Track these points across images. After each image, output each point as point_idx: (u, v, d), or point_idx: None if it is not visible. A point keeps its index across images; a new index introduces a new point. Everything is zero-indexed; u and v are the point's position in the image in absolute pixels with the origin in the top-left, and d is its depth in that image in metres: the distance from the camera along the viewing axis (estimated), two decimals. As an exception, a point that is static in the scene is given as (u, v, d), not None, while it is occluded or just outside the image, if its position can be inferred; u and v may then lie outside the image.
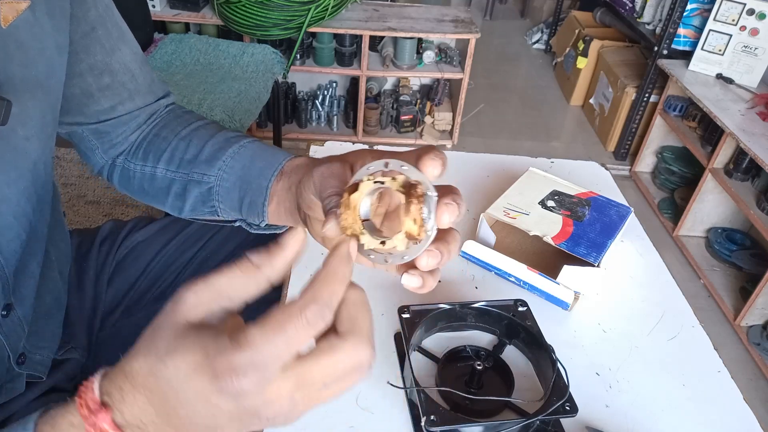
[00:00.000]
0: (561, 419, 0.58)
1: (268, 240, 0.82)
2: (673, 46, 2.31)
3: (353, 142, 0.91)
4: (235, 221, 0.61)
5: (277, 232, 0.61)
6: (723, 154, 1.97)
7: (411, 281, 0.41)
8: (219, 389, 0.31)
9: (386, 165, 0.39)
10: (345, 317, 0.34)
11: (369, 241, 0.39)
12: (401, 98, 2.57)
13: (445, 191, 0.41)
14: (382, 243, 0.39)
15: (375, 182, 0.40)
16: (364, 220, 0.41)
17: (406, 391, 0.60)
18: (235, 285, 0.34)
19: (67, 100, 0.59)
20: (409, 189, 0.39)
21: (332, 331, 0.34)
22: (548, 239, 0.75)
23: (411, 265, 0.41)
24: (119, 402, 0.33)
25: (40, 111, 0.53)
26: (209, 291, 0.34)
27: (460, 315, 0.66)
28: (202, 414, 0.32)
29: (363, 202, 0.40)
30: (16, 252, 0.55)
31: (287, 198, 0.54)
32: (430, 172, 0.39)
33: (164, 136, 0.63)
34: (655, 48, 2.33)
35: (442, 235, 0.41)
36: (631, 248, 0.84)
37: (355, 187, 0.39)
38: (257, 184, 0.56)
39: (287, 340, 0.31)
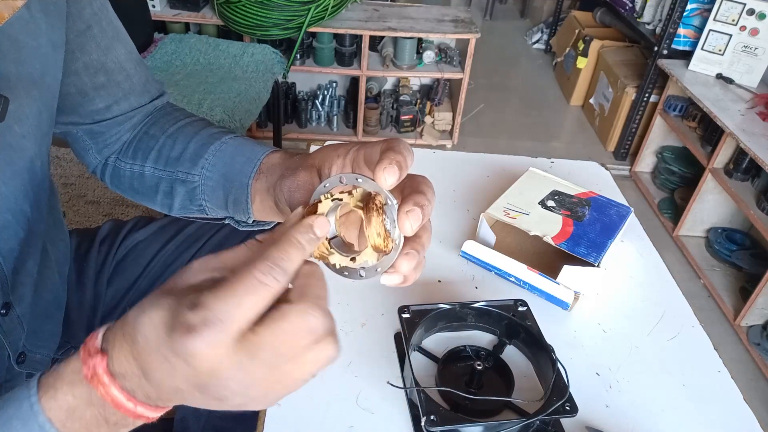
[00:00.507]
0: (561, 419, 0.58)
1: None
2: (673, 46, 2.31)
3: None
4: (224, 219, 0.61)
5: (266, 228, 0.60)
6: (723, 154, 1.97)
7: (391, 280, 0.41)
8: (172, 346, 0.31)
9: (341, 180, 0.39)
10: (297, 287, 0.34)
11: (339, 259, 0.39)
12: (401, 98, 2.57)
13: (408, 194, 0.39)
14: (353, 260, 0.39)
15: (333, 200, 0.39)
16: (331, 238, 0.40)
17: (406, 391, 0.60)
18: (239, 258, 0.35)
19: (63, 99, 0.59)
20: (368, 202, 0.38)
21: (285, 302, 0.33)
22: (548, 239, 0.75)
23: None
24: (113, 349, 0.34)
25: (36, 108, 0.53)
26: (215, 260, 0.35)
27: (460, 315, 0.66)
28: (165, 372, 0.32)
29: None
30: (13, 250, 0.55)
31: (268, 197, 0.54)
32: (384, 183, 0.38)
33: (153, 133, 0.63)
34: (655, 48, 2.33)
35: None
36: (631, 248, 0.84)
37: (314, 208, 0.39)
38: (239, 182, 0.55)
39: (238, 300, 0.31)
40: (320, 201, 0.39)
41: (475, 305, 0.66)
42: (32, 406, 0.35)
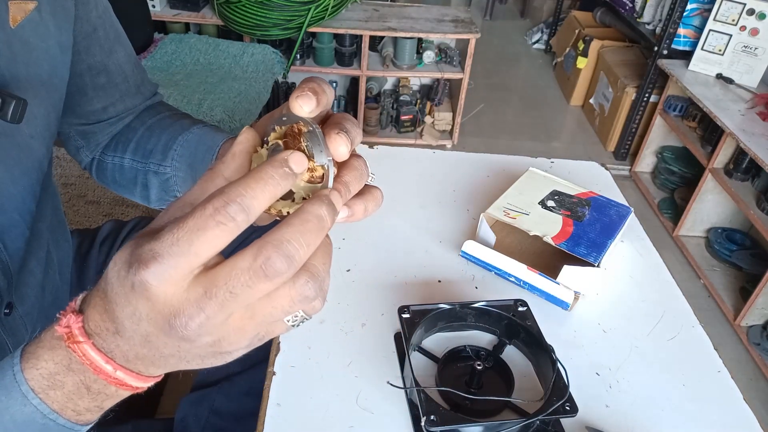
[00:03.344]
0: (561, 419, 0.58)
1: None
2: (673, 46, 2.31)
3: (353, 142, 0.91)
4: None
5: None
6: (723, 154, 1.97)
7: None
8: (131, 282, 0.30)
9: (273, 128, 0.37)
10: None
11: (284, 205, 0.36)
12: (401, 98, 2.57)
13: (330, 124, 0.37)
14: (292, 200, 0.36)
15: (267, 149, 0.37)
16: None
17: (406, 391, 0.60)
18: (198, 192, 0.34)
19: (66, 97, 0.59)
20: (289, 134, 0.37)
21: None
22: (548, 239, 0.75)
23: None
24: (88, 308, 0.33)
25: (44, 109, 0.53)
26: (179, 201, 0.34)
27: (460, 315, 0.66)
28: (130, 317, 0.31)
29: None
30: (20, 250, 0.55)
31: None
32: (301, 111, 0.35)
33: (133, 126, 0.63)
34: (655, 48, 2.33)
35: (361, 191, 0.38)
36: (631, 248, 0.84)
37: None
38: (202, 171, 0.55)
39: (189, 236, 0.29)
40: (256, 152, 0.37)
41: (475, 305, 0.66)
42: (15, 375, 0.34)
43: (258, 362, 0.72)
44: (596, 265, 0.72)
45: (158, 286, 0.30)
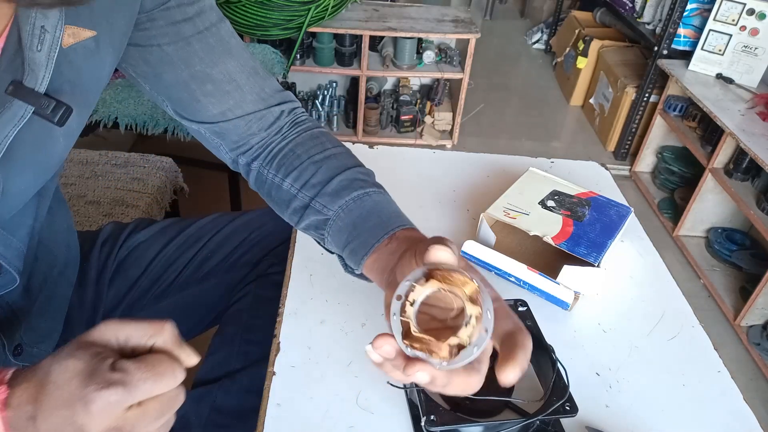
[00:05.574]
0: (561, 419, 0.58)
1: (258, 245, 0.85)
2: (673, 46, 2.30)
3: (353, 142, 0.91)
4: (334, 253, 0.65)
5: (367, 281, 0.64)
6: (723, 154, 1.97)
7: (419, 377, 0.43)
8: (83, 395, 0.37)
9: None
10: None
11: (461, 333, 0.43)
12: (401, 98, 2.57)
13: (509, 347, 0.46)
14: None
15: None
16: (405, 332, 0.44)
17: (406, 391, 0.60)
18: (136, 333, 0.41)
19: (181, 104, 0.65)
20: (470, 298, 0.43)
21: None
22: (548, 239, 0.75)
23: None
24: (17, 386, 0.39)
25: (77, 124, 0.58)
26: (118, 327, 0.41)
27: (460, 315, 0.66)
28: (61, 417, 0.37)
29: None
30: (32, 248, 0.59)
31: (387, 259, 0.56)
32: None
33: (299, 154, 0.67)
34: (655, 48, 2.33)
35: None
36: (631, 248, 0.84)
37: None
38: (364, 240, 0.59)
39: (155, 376, 0.39)
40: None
41: (475, 305, 0.66)
42: None
43: (259, 359, 0.73)
44: (596, 265, 0.72)
45: (109, 407, 0.37)
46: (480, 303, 0.42)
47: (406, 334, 0.43)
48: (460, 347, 0.42)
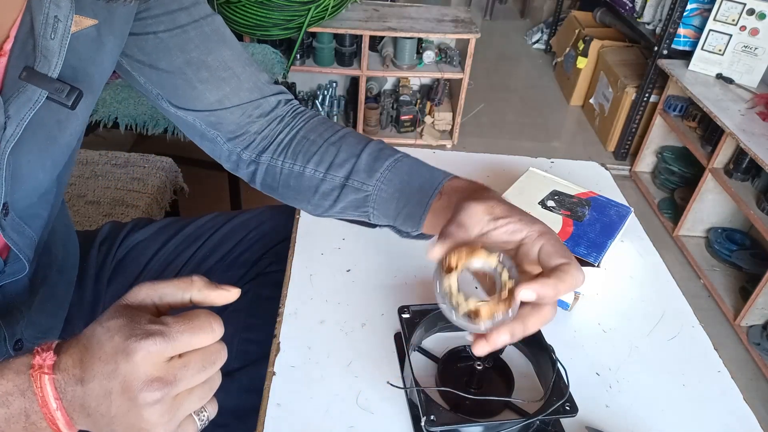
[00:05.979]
0: (561, 419, 0.58)
1: (256, 244, 0.85)
2: (673, 46, 2.31)
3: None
4: (383, 226, 0.67)
5: (424, 240, 0.66)
6: (723, 154, 1.97)
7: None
8: (125, 347, 0.38)
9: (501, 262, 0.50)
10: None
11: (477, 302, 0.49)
12: (401, 98, 2.57)
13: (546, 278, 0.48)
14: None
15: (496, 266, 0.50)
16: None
17: (406, 391, 0.60)
18: (169, 290, 0.43)
19: (178, 90, 0.65)
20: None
21: None
22: (548, 239, 0.75)
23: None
24: (63, 354, 0.40)
25: (85, 109, 0.59)
26: (150, 287, 0.43)
27: (460, 315, 0.66)
28: (106, 371, 0.38)
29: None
30: (42, 239, 0.61)
31: (442, 214, 0.58)
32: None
33: (313, 139, 0.68)
34: (655, 48, 2.33)
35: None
36: (631, 248, 0.84)
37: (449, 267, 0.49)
38: (417, 200, 0.61)
39: (192, 330, 0.40)
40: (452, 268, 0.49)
41: (475, 305, 0.66)
42: None
43: (258, 359, 0.73)
44: (596, 265, 0.72)
45: (149, 356, 0.38)
46: (499, 260, 0.49)
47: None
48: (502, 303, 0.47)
